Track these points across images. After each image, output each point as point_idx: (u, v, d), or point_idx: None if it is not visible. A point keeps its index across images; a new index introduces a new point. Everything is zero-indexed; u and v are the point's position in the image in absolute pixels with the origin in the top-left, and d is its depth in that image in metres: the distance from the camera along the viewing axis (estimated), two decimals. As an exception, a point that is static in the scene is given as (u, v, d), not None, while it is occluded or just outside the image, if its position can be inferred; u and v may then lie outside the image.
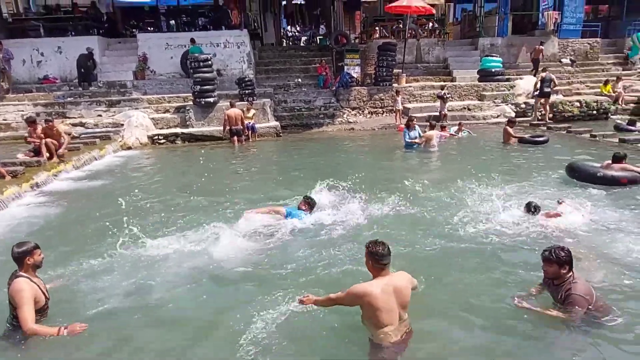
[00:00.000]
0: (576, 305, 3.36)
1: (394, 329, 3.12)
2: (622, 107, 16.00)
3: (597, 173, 7.17)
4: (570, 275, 3.48)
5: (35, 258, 3.55)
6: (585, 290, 3.43)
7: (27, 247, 3.51)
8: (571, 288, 3.41)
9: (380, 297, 3.07)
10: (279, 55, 18.38)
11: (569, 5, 19.05)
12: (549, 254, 3.50)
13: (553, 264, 3.46)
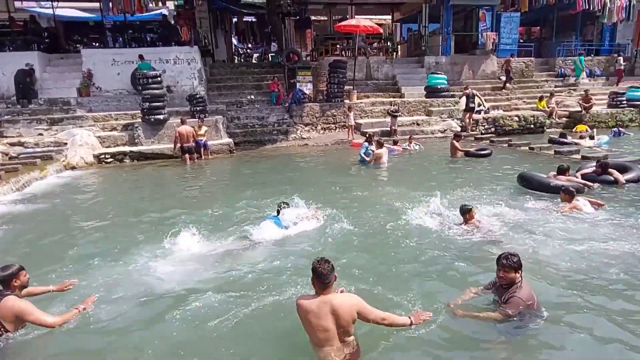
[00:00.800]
0: (514, 307, 3.52)
1: (331, 350, 3.06)
2: (556, 121, 17.22)
3: (550, 183, 7.70)
4: (520, 280, 3.65)
5: (22, 279, 3.67)
6: (528, 295, 3.59)
7: (13, 270, 3.63)
8: (516, 292, 3.58)
9: (313, 314, 3.05)
10: (231, 72, 18.32)
11: (505, 26, 20.39)
12: (507, 262, 3.59)
13: (511, 270, 3.59)
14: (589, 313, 3.87)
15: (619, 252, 5.06)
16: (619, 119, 17.15)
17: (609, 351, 3.39)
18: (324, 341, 3.08)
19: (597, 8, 20.57)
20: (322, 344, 3.08)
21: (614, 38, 22.82)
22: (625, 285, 4.32)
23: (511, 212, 6.56)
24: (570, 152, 11.49)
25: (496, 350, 3.50)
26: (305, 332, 3.20)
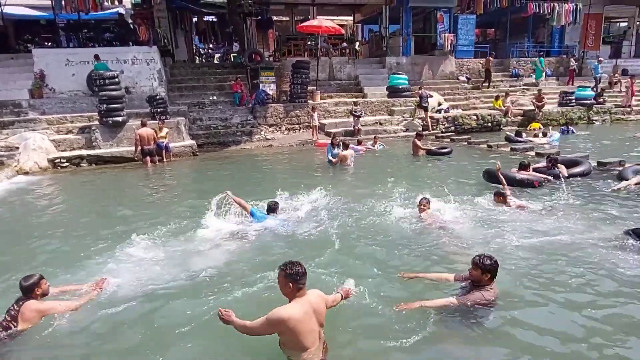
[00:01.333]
0: (472, 299, 3.74)
1: (315, 350, 3.08)
2: (512, 119, 17.94)
3: (515, 177, 8.15)
4: (490, 284, 3.84)
5: (43, 287, 3.93)
6: (491, 296, 3.78)
7: (34, 280, 3.88)
8: (482, 292, 3.78)
9: (303, 320, 3.01)
10: (192, 72, 18.00)
11: (462, 28, 21.08)
12: (477, 260, 3.81)
13: (478, 269, 3.80)
14: (533, 302, 4.08)
15: (566, 242, 5.40)
16: (569, 117, 18.07)
17: (557, 340, 3.55)
18: (311, 343, 3.06)
19: (547, 12, 21.60)
20: (310, 346, 3.05)
21: (563, 40, 24.01)
22: (572, 275, 4.57)
23: (469, 205, 6.91)
24: (525, 149, 12.05)
25: (449, 343, 3.58)
26: (285, 343, 3.11)
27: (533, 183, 8.18)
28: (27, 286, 3.82)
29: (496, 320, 3.75)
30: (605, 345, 3.43)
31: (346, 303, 3.90)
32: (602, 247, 5.18)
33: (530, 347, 3.45)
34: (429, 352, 3.44)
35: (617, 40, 26.56)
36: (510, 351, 3.41)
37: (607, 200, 7.22)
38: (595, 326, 3.67)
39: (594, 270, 4.61)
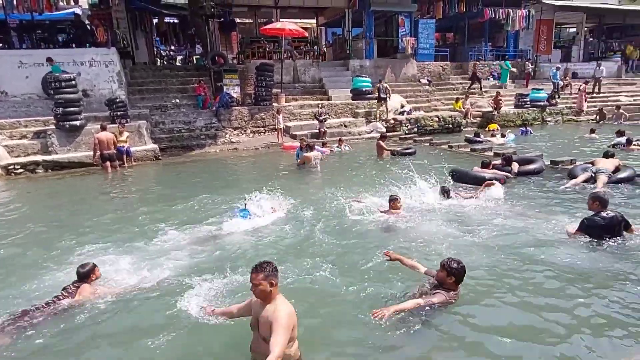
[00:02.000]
0: (435, 299, 3.86)
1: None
2: (471, 120, 18.57)
3: (477, 175, 8.60)
4: (455, 288, 3.97)
5: (97, 274, 4.52)
6: (452, 298, 3.93)
7: (90, 267, 4.48)
8: (445, 295, 3.91)
9: None
10: (154, 75, 17.61)
11: (422, 32, 21.62)
12: (445, 262, 3.99)
13: (444, 270, 3.97)
14: (487, 299, 4.27)
15: (515, 237, 5.74)
16: (524, 118, 18.88)
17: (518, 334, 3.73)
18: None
19: (502, 17, 22.50)
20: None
21: (518, 44, 25.05)
22: (521, 270, 4.83)
23: (433, 202, 7.20)
24: (483, 149, 12.53)
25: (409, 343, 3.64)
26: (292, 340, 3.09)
27: (499, 181, 8.49)
28: (84, 272, 4.40)
29: (453, 319, 3.86)
30: (555, 340, 3.58)
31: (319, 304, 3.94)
32: (548, 241, 5.49)
33: (484, 345, 3.56)
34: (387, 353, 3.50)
35: (567, 45, 27.96)
36: (465, 350, 3.52)
37: (556, 196, 7.65)
38: (543, 320, 3.86)
39: (543, 266, 4.86)
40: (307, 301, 4.19)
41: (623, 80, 25.27)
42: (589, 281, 4.49)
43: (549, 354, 3.39)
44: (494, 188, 7.65)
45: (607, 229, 5.33)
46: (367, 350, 3.54)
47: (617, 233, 5.34)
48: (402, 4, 20.73)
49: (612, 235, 5.32)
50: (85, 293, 4.31)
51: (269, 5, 19.56)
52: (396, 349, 3.54)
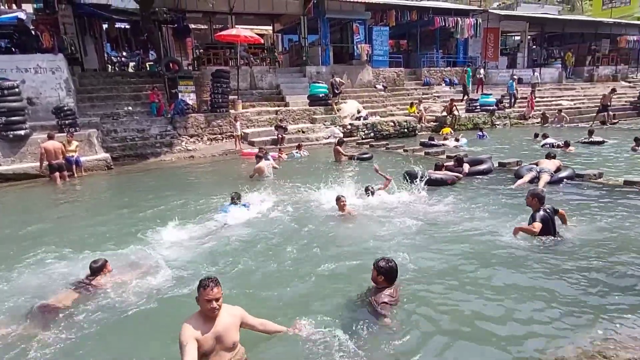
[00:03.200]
0: (374, 300, 3.88)
1: None
2: (425, 125, 19.15)
3: (430, 177, 8.85)
4: (387, 285, 4.00)
5: (108, 268, 4.86)
6: (385, 298, 3.90)
7: (102, 262, 4.81)
8: (381, 294, 3.93)
9: None
10: (104, 81, 17.03)
11: (377, 39, 22.14)
12: (375, 261, 4.05)
13: (374, 269, 4.03)
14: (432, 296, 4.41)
15: (460, 234, 6.04)
16: (475, 122, 19.68)
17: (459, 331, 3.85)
18: None
19: (452, 25, 23.41)
20: None
21: (467, 51, 26.11)
22: (465, 266, 5.05)
23: (386, 203, 7.59)
24: (437, 153, 12.99)
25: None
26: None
27: (447, 181, 9.01)
28: (97, 267, 4.74)
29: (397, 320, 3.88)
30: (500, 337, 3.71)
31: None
32: (492, 238, 5.79)
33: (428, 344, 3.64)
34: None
35: (513, 52, 29.43)
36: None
37: (503, 195, 8.05)
38: (486, 316, 4.01)
39: (484, 262, 5.11)
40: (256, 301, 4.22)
41: (564, 85, 26.88)
42: (533, 275, 4.75)
43: (491, 350, 3.52)
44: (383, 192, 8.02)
45: (552, 222, 5.67)
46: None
47: (554, 225, 5.69)
48: (356, 12, 21.17)
49: (553, 228, 5.66)
50: (99, 284, 4.68)
51: (223, 12, 19.41)
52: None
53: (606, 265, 4.86)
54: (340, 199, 6.90)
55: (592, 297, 4.21)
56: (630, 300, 4.10)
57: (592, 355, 3.26)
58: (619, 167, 10.50)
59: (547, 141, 13.85)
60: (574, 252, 5.26)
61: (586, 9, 46.83)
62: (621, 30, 29.85)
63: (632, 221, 6.24)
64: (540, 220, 5.51)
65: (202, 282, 3.10)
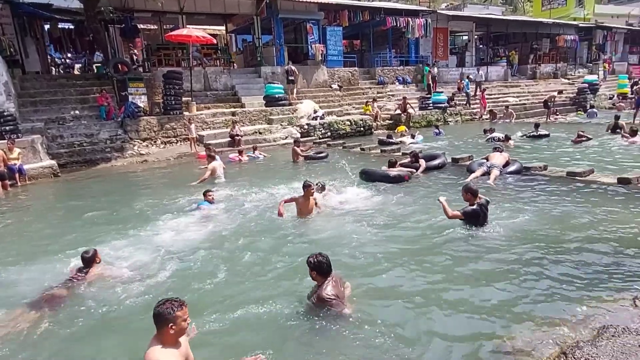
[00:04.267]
0: (321, 303, 3.85)
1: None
2: (380, 123, 19.50)
3: (389, 174, 9.16)
4: (323, 281, 3.96)
5: (99, 257, 5.06)
6: (330, 292, 3.88)
7: (92, 252, 4.99)
8: (319, 292, 3.90)
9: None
10: (48, 85, 16.14)
11: (331, 39, 22.29)
12: (307, 260, 4.01)
13: (307, 265, 4.00)
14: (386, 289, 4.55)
15: (410, 228, 6.28)
16: (429, 119, 20.25)
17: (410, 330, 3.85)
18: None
19: (403, 25, 23.95)
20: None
21: (419, 51, 26.80)
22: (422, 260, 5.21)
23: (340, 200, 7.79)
24: (392, 150, 13.26)
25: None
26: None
27: (404, 178, 9.22)
28: (89, 257, 4.92)
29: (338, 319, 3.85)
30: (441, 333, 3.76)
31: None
32: (443, 233, 6.00)
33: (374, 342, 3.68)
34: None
35: (461, 51, 30.53)
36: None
37: (456, 190, 8.34)
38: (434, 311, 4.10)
39: (432, 257, 5.29)
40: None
41: (509, 83, 28.18)
42: (470, 265, 4.98)
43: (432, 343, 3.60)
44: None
45: (483, 216, 5.99)
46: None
47: (485, 217, 6.02)
48: (309, 12, 21.22)
49: (483, 219, 6.00)
50: (94, 275, 4.90)
51: (174, 11, 18.91)
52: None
53: (552, 251, 5.16)
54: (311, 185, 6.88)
55: (529, 283, 4.48)
56: (558, 284, 4.38)
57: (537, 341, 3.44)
58: (563, 159, 11.14)
59: (492, 135, 14.57)
60: (514, 242, 5.55)
61: (527, 9, 49.38)
62: (559, 30, 31.65)
63: (573, 209, 6.67)
64: (469, 212, 5.90)
65: (179, 302, 2.91)
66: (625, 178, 7.81)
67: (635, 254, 4.97)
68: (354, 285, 4.39)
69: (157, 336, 2.85)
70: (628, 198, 7.13)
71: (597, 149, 12.38)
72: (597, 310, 3.84)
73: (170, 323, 2.81)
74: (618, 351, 3.09)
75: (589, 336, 3.37)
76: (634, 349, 3.11)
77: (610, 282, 4.39)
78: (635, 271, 4.59)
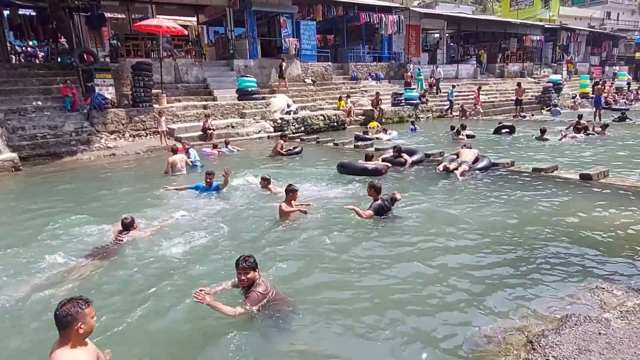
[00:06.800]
0: (254, 302, 3.70)
1: None
2: (354, 118, 19.61)
3: (367, 167, 9.31)
4: (259, 277, 3.87)
5: (136, 222, 6.00)
6: (264, 289, 3.81)
7: (131, 219, 5.89)
8: (254, 288, 3.79)
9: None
10: (8, 74, 15.39)
11: (304, 33, 22.19)
12: (246, 264, 3.77)
13: (250, 270, 3.80)
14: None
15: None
16: (401, 116, 20.50)
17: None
18: None
19: (376, 22, 24.10)
20: None
21: (392, 47, 27.06)
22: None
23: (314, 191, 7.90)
24: (366, 146, 13.37)
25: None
26: None
27: (381, 171, 9.35)
28: (129, 222, 5.81)
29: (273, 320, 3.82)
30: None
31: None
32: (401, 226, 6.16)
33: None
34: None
35: (433, 49, 30.99)
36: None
37: (427, 180, 8.52)
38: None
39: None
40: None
41: (479, 81, 28.80)
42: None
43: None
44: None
45: (387, 209, 6.36)
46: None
47: (389, 210, 6.39)
48: (283, 5, 21.04)
49: (388, 211, 6.38)
50: (135, 235, 5.81)
51: (143, 0, 18.39)
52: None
53: (517, 244, 5.34)
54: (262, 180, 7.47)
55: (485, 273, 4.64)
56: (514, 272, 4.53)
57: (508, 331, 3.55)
58: (528, 155, 11.51)
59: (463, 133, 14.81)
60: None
61: (496, 9, 50.55)
62: (526, 31, 32.58)
63: (537, 203, 6.92)
64: (374, 209, 6.25)
65: (85, 299, 2.74)
66: (587, 174, 8.14)
67: (594, 246, 5.20)
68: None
69: (62, 339, 2.63)
70: (588, 193, 7.44)
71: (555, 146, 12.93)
72: (560, 301, 4.00)
73: (79, 322, 2.62)
74: (580, 338, 3.22)
75: (553, 325, 3.50)
76: (594, 336, 3.24)
77: (572, 273, 4.58)
78: (595, 262, 4.80)
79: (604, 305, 3.84)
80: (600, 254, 5.01)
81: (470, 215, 6.44)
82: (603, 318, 3.51)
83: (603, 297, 3.97)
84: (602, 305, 3.84)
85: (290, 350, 3.52)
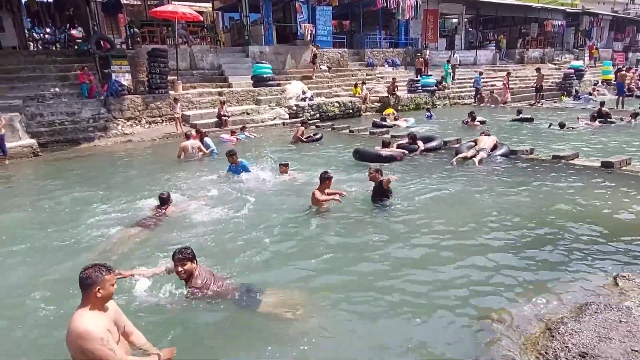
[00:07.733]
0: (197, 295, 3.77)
1: None
2: (370, 105, 19.40)
3: (382, 154, 9.33)
4: (197, 268, 3.87)
5: (172, 198, 6.47)
6: (203, 281, 3.83)
7: (167, 194, 6.41)
8: (192, 283, 3.79)
9: None
10: (26, 60, 15.57)
11: (320, 19, 21.93)
12: (182, 255, 3.77)
13: (187, 261, 3.79)
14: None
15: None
16: (417, 103, 20.21)
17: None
18: None
19: (393, 6, 23.65)
20: None
21: (409, 33, 26.58)
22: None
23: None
24: (382, 133, 13.23)
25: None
26: None
27: (396, 158, 9.31)
28: (166, 197, 6.25)
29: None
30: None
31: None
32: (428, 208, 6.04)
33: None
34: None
35: (451, 35, 30.36)
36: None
37: (443, 170, 8.43)
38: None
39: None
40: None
41: (497, 67, 28.19)
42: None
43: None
44: None
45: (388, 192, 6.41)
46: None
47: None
48: (299, -10, 20.78)
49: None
50: (172, 209, 6.29)
51: (158, -13, 18.39)
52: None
53: (536, 231, 5.22)
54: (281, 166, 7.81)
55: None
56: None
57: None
58: (549, 143, 11.21)
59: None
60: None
61: (517, -7, 49.01)
62: (548, 15, 31.65)
63: (557, 190, 6.76)
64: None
65: (107, 266, 2.87)
66: (608, 162, 7.90)
67: (615, 234, 5.05)
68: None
69: (83, 301, 2.79)
70: (610, 181, 7.23)
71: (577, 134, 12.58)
72: (580, 289, 3.90)
73: (98, 286, 2.75)
74: (600, 326, 3.14)
75: (573, 313, 3.41)
76: (614, 324, 3.16)
77: (592, 260, 4.46)
78: (615, 249, 4.67)
79: (624, 293, 3.73)
80: (621, 241, 4.87)
81: (489, 201, 6.34)
82: (624, 306, 3.41)
83: (624, 285, 3.86)
84: (623, 293, 3.73)
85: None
